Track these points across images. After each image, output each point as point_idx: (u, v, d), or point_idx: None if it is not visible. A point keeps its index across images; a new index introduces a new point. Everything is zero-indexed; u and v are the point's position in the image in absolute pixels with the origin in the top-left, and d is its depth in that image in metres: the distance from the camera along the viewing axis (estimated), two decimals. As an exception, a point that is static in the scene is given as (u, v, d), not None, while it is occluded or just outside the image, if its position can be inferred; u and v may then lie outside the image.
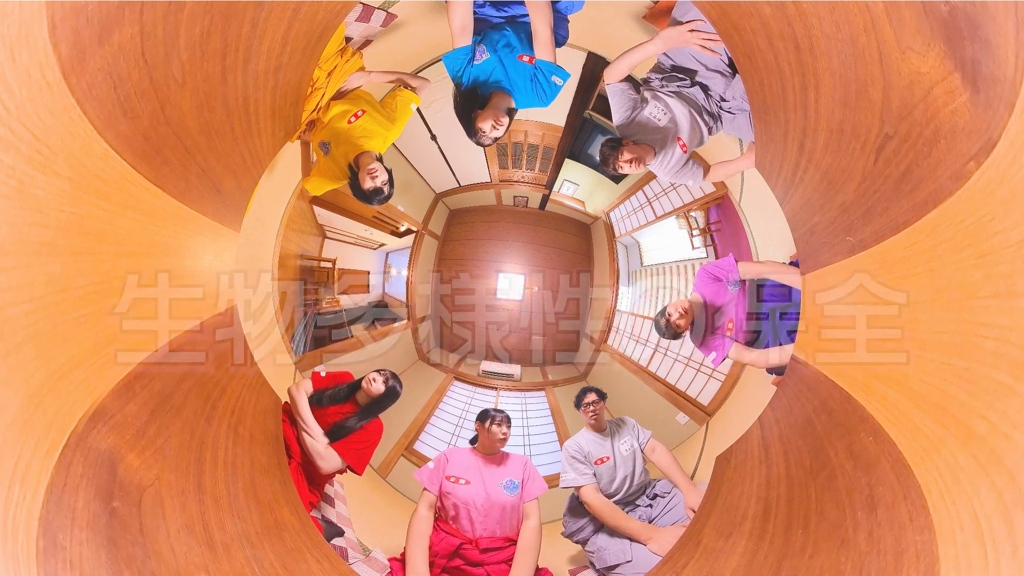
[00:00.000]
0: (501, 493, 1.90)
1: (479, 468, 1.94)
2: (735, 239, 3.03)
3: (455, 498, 1.85)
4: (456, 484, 1.88)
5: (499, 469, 1.97)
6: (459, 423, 3.54)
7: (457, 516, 1.82)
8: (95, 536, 0.66)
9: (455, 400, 3.76)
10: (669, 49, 1.75)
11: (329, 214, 3.21)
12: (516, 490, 1.93)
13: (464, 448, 2.03)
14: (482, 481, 1.91)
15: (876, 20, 0.69)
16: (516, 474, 1.97)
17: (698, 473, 2.52)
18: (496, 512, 1.85)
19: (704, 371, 3.15)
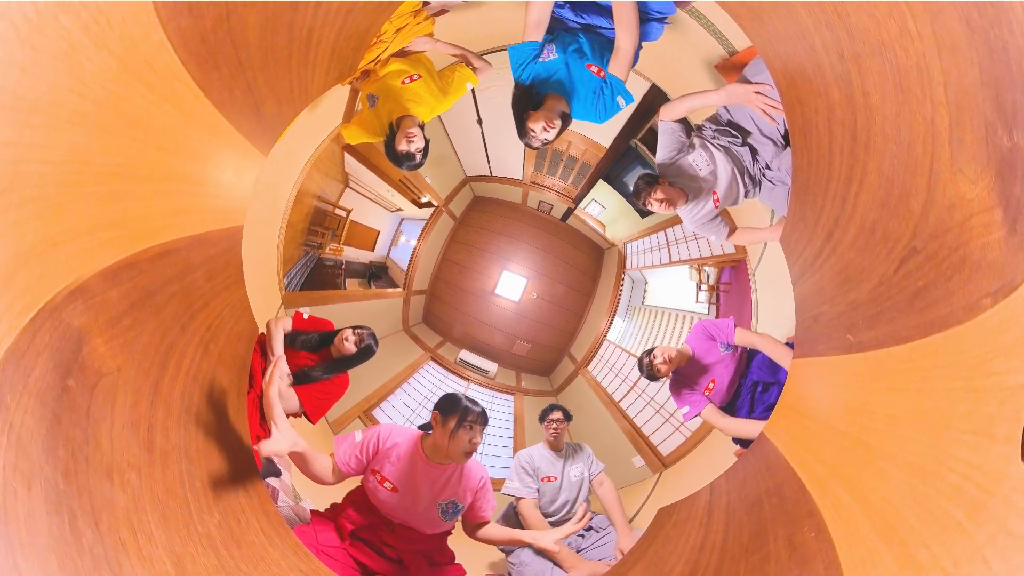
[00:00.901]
0: (435, 516, 1.53)
1: (416, 475, 1.51)
2: (740, 304, 3.03)
3: (374, 496, 1.54)
4: (380, 485, 1.52)
5: (444, 484, 1.53)
6: (423, 403, 3.54)
7: (376, 505, 1.56)
8: (42, 407, 0.66)
9: (425, 380, 3.76)
10: (731, 104, 1.75)
11: (358, 165, 3.21)
12: (455, 516, 1.57)
13: (410, 435, 1.59)
14: (414, 495, 1.50)
15: (938, 135, 0.69)
16: (464, 494, 1.56)
17: (638, 518, 2.52)
18: (422, 525, 1.55)
19: (672, 422, 3.15)
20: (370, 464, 1.55)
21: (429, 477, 1.52)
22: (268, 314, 2.12)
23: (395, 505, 1.52)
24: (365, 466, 1.55)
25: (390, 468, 1.52)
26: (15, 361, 0.63)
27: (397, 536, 1.54)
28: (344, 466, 1.53)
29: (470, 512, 1.60)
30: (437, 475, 1.53)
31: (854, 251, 0.96)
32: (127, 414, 0.83)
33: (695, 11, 1.99)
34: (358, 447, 1.55)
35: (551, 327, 4.16)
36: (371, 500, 1.55)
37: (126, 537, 0.73)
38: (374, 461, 1.54)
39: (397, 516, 1.53)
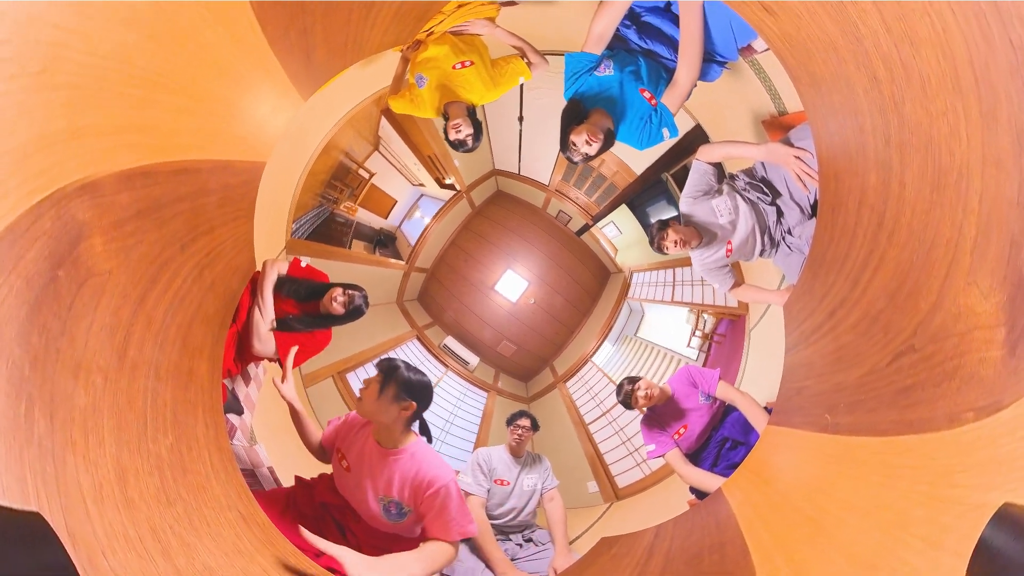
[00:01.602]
0: (379, 511, 1.39)
1: (365, 455, 1.42)
2: (729, 358, 3.03)
3: (337, 477, 1.50)
4: (339, 463, 1.47)
5: (384, 474, 1.36)
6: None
7: (339, 488, 1.51)
8: (27, 290, 0.66)
9: (405, 356, 3.75)
10: (769, 161, 1.75)
11: (392, 133, 3.21)
12: (400, 518, 1.39)
13: (351, 422, 1.56)
14: (358, 477, 1.41)
15: (962, 242, 0.69)
16: (403, 491, 1.35)
17: (579, 542, 2.52)
18: (372, 519, 1.42)
19: (636, 457, 3.15)
20: (340, 442, 1.53)
21: (371, 461, 1.41)
22: (269, 255, 2.12)
23: (346, 487, 1.47)
24: (335, 444, 1.55)
25: (349, 445, 1.50)
26: (11, 239, 0.63)
27: (362, 526, 1.47)
28: (326, 439, 1.57)
29: (428, 527, 1.33)
30: (379, 461, 1.39)
31: (853, 335, 0.96)
32: (107, 318, 0.83)
33: (757, 64, 1.99)
34: (340, 421, 1.58)
35: (541, 335, 4.16)
36: (336, 483, 1.53)
37: (77, 437, 0.73)
38: (344, 439, 1.52)
39: (353, 502, 1.47)
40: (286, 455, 1.93)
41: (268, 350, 1.75)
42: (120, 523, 0.75)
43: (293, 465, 1.78)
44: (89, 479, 0.73)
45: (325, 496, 1.51)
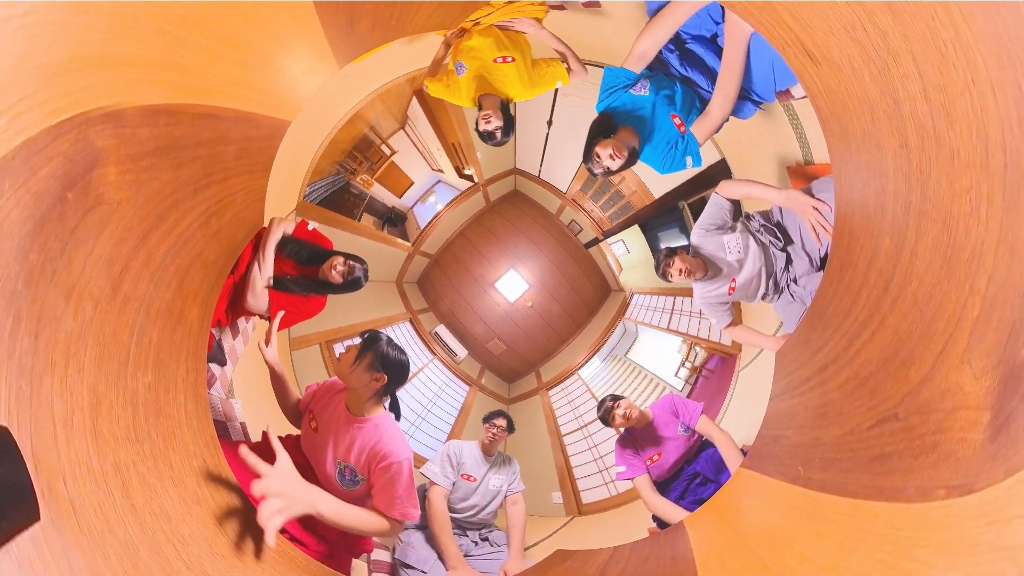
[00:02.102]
0: (334, 476, 1.40)
1: (334, 419, 1.45)
2: (714, 394, 3.03)
3: (304, 437, 1.52)
4: (310, 430, 1.48)
5: (347, 438, 1.39)
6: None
7: (304, 449, 1.52)
8: (33, 206, 0.66)
9: (395, 337, 3.75)
10: (787, 207, 1.75)
11: (421, 114, 3.20)
12: (354, 485, 1.40)
13: (328, 386, 1.59)
14: (323, 440, 1.43)
15: (963, 321, 0.69)
16: (359, 459, 1.38)
17: (534, 550, 2.52)
18: (328, 483, 1.42)
19: (605, 476, 3.15)
20: (315, 404, 1.54)
21: (337, 424, 1.43)
22: (279, 213, 2.12)
23: (311, 447, 1.49)
24: (310, 406, 1.56)
25: (322, 408, 1.51)
26: (27, 155, 0.63)
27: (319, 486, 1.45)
28: (302, 402, 1.59)
29: (374, 498, 1.35)
30: (344, 426, 1.42)
31: (839, 393, 0.96)
32: (108, 248, 0.83)
33: (791, 109, 1.99)
34: (318, 385, 1.59)
35: (532, 340, 4.16)
36: (302, 444, 1.54)
37: (58, 360, 0.73)
38: (319, 401, 1.54)
39: (313, 463, 1.48)
40: (260, 413, 1.93)
41: (260, 306, 1.74)
42: (86, 452, 0.75)
43: (265, 424, 1.78)
44: (63, 404, 0.73)
45: (291, 454, 1.51)
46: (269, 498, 1.00)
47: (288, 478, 1.08)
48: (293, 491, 1.08)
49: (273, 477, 1.04)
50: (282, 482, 1.06)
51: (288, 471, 1.09)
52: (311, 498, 1.13)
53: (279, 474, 1.06)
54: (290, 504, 1.05)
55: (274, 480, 1.04)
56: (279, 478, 1.05)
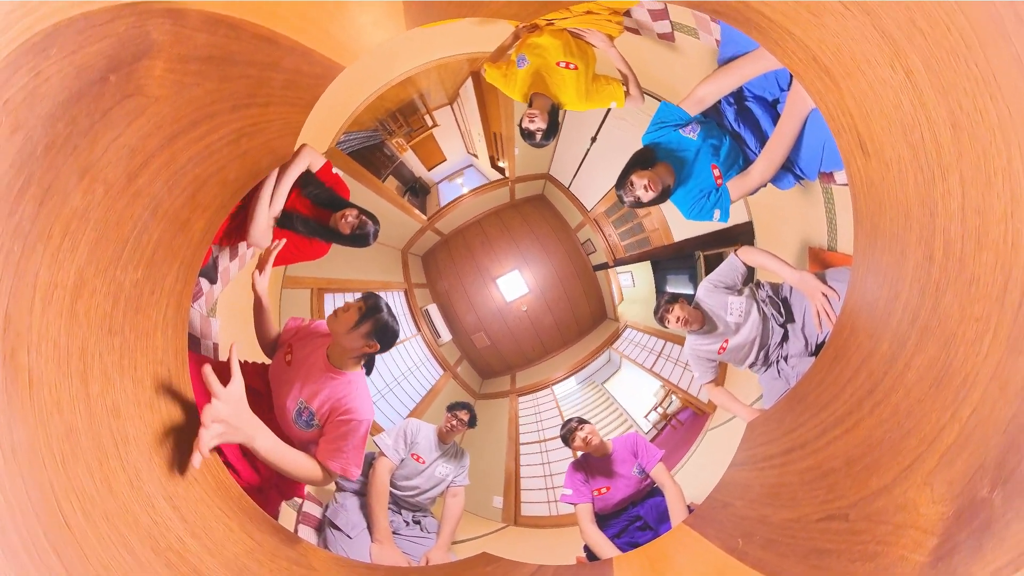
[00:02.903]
0: (290, 414, 1.41)
1: (308, 358, 1.46)
2: (677, 446, 3.03)
3: (273, 367, 1.52)
4: (283, 362, 1.48)
5: (315, 383, 1.39)
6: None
7: (270, 379, 1.53)
8: (74, 78, 0.66)
9: (387, 303, 3.75)
10: (797, 287, 1.76)
11: (472, 96, 3.20)
12: (307, 427, 1.40)
13: (314, 328, 1.56)
14: (291, 375, 1.44)
15: (936, 443, 0.69)
16: (322, 406, 1.37)
17: (461, 546, 2.52)
18: (281, 419, 1.44)
19: (550, 494, 3.15)
20: (295, 339, 1.54)
21: (312, 368, 1.43)
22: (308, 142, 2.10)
23: (278, 379, 1.48)
24: (290, 340, 1.55)
25: (302, 345, 1.51)
26: (83, 26, 0.63)
27: (271, 420, 1.45)
28: (282, 334, 1.57)
29: (320, 446, 1.35)
30: (319, 373, 1.41)
31: (798, 479, 0.96)
32: (134, 139, 0.83)
33: (829, 193, 1.99)
34: (304, 323, 1.58)
35: (517, 343, 4.16)
36: (269, 372, 1.54)
37: (56, 232, 0.73)
38: (301, 339, 1.53)
39: (275, 394, 1.48)
40: (235, 338, 1.93)
41: (259, 240, 1.69)
42: (56, 329, 0.75)
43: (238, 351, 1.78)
44: (48, 276, 0.73)
45: (251, 379, 1.49)
46: (211, 423, 1.00)
47: (235, 404, 1.08)
48: (236, 420, 1.08)
49: (222, 402, 1.04)
50: (228, 408, 1.05)
51: (237, 396, 1.09)
52: (251, 431, 1.13)
53: (227, 398, 1.05)
54: (229, 432, 1.06)
55: (222, 406, 1.04)
56: (227, 403, 1.05)
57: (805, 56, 1.01)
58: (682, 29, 1.95)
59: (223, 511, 1.03)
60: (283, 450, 1.22)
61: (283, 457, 1.21)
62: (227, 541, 0.98)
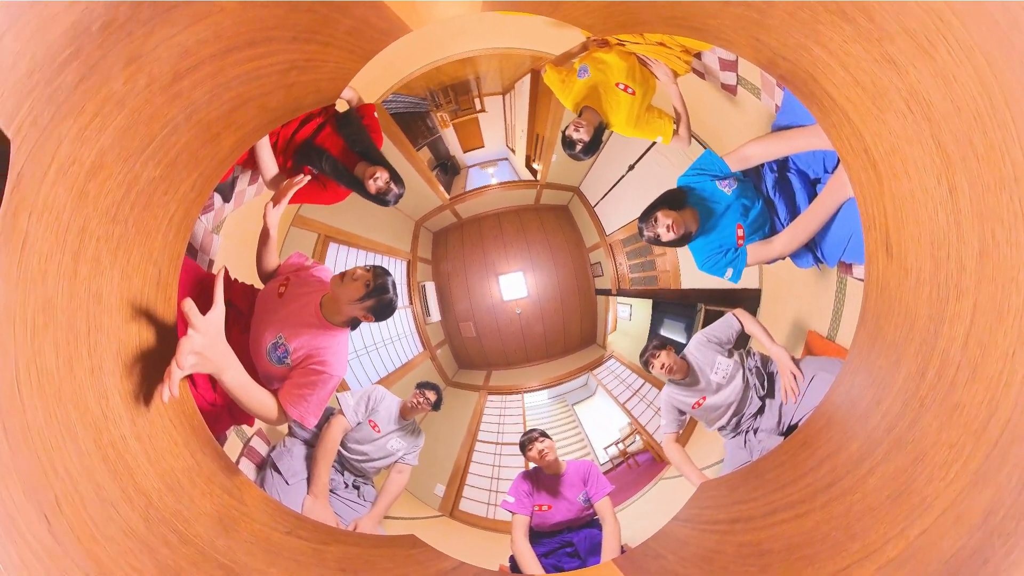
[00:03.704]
0: (264, 348, 1.40)
1: (300, 300, 1.46)
2: (627, 486, 3.02)
3: (262, 295, 1.52)
4: (274, 292, 1.50)
5: (299, 323, 1.39)
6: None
7: (257, 305, 1.52)
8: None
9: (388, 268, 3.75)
10: (775, 360, 1.79)
11: (525, 92, 3.20)
12: (277, 364, 1.39)
13: (316, 272, 1.58)
14: (278, 306, 1.45)
15: (875, 556, 0.69)
16: (298, 347, 1.37)
17: (392, 523, 2.52)
18: (254, 352, 1.41)
19: (491, 497, 3.15)
20: (295, 276, 1.53)
21: (301, 313, 1.42)
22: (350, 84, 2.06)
23: (264, 306, 1.47)
24: (289, 273, 1.56)
25: (301, 283, 1.50)
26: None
27: (240, 343, 1.42)
28: (283, 266, 1.59)
29: (284, 387, 1.34)
30: (306, 320, 1.41)
31: (734, 551, 0.96)
32: (190, 42, 0.83)
33: (842, 283, 1.98)
34: (310, 263, 1.60)
35: (502, 343, 4.16)
36: (257, 296, 1.54)
37: (88, 110, 0.73)
38: (301, 277, 1.52)
39: (254, 320, 1.47)
40: (232, 260, 1.92)
41: (267, 170, 1.67)
42: (63, 202, 0.75)
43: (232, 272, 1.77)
44: (68, 150, 0.73)
45: (237, 298, 1.51)
46: (187, 355, 1.00)
47: (213, 336, 1.07)
48: (211, 351, 1.07)
49: (199, 333, 1.03)
50: (204, 340, 1.04)
51: (216, 328, 1.08)
52: (223, 363, 1.12)
53: (205, 330, 1.04)
54: (200, 363, 1.05)
55: (198, 337, 1.02)
56: (204, 334, 1.04)
57: (858, 146, 1.01)
58: (746, 85, 1.95)
59: (172, 423, 1.03)
60: (248, 385, 1.21)
61: (246, 392, 1.21)
62: (168, 453, 0.98)
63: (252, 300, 1.55)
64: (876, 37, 0.77)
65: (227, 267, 1.16)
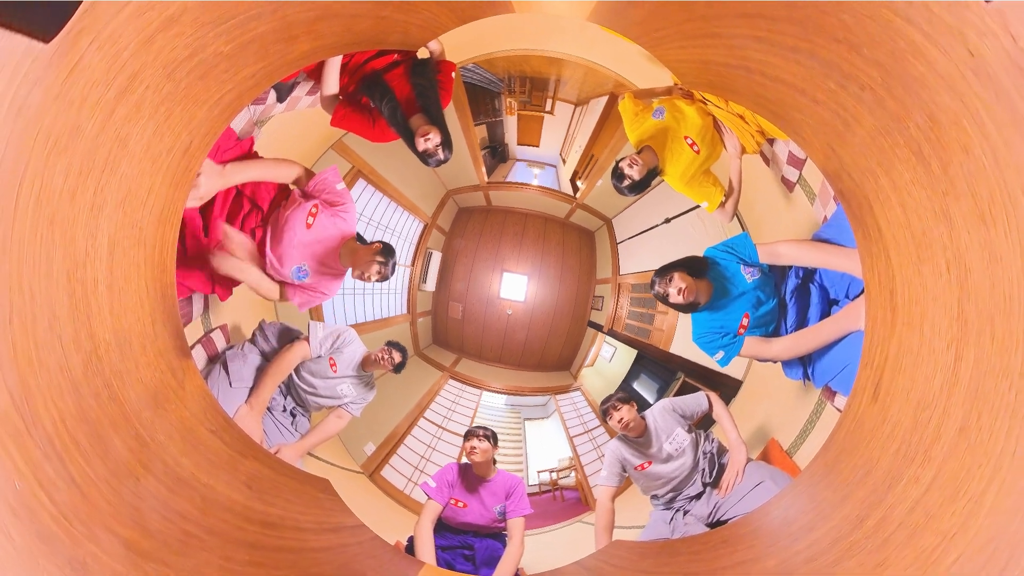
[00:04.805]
0: (287, 259, 1.69)
1: (323, 249, 1.72)
2: (546, 515, 3.04)
3: (290, 209, 1.72)
4: (302, 210, 1.69)
5: (319, 264, 1.72)
6: (384, 235, 3.53)
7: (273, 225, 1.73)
8: None
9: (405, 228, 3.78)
10: (730, 449, 1.81)
11: (597, 112, 3.20)
12: (297, 279, 1.71)
13: (352, 226, 1.79)
14: (300, 238, 1.68)
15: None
16: (316, 281, 1.74)
17: (313, 461, 2.51)
18: (280, 255, 1.73)
19: (415, 475, 3.15)
20: (312, 191, 1.66)
21: (322, 247, 1.68)
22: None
23: (292, 226, 1.65)
24: (310, 193, 1.68)
25: (324, 216, 1.68)
26: None
27: (265, 233, 1.70)
28: (318, 185, 1.69)
29: (295, 287, 1.71)
30: (328, 260, 1.69)
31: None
32: None
33: (820, 406, 1.98)
34: (335, 187, 1.70)
35: (481, 335, 4.16)
36: (289, 215, 1.66)
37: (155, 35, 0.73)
38: (328, 205, 1.69)
39: (285, 225, 1.66)
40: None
41: (331, 86, 1.74)
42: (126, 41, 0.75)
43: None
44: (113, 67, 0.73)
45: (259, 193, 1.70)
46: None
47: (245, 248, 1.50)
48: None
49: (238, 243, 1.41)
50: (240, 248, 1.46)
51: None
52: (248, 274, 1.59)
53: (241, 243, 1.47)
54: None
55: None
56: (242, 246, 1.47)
57: (886, 285, 1.01)
58: (804, 187, 1.95)
59: (147, 286, 1.03)
60: (261, 281, 1.65)
61: (259, 285, 1.65)
62: (131, 312, 0.98)
63: (271, 199, 1.71)
64: (943, 189, 0.77)
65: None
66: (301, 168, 1.73)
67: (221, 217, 1.63)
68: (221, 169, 1.52)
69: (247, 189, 1.69)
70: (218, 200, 1.61)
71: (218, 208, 1.62)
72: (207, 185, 1.46)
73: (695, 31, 1.20)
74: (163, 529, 0.80)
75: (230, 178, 1.56)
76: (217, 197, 1.61)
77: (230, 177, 1.55)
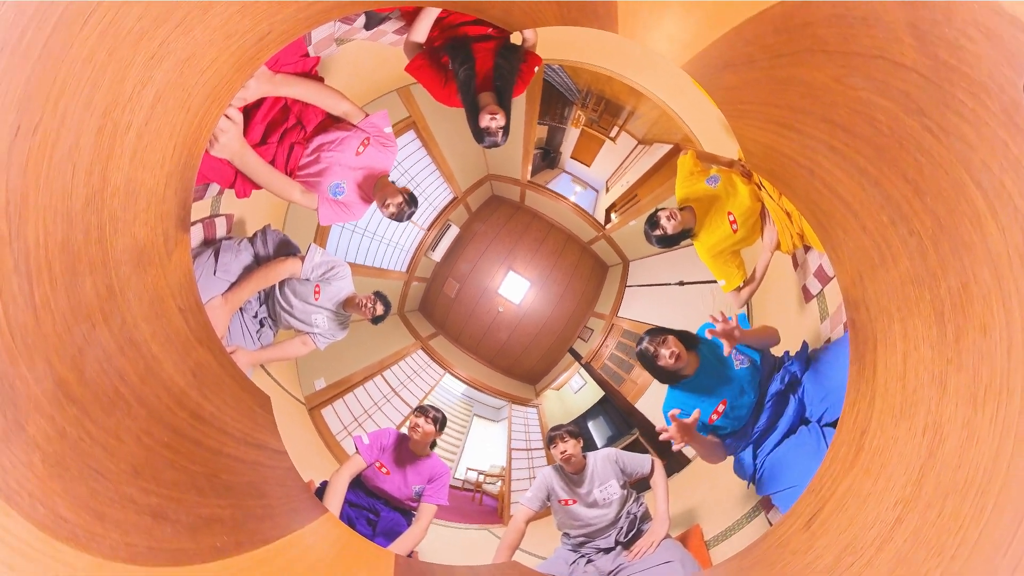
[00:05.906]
0: (326, 183, 1.83)
1: (362, 180, 1.88)
2: (460, 512, 3.05)
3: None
4: (357, 149, 1.85)
5: (357, 189, 1.89)
6: (406, 183, 3.54)
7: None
8: None
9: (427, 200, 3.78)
10: (653, 522, 1.81)
11: (656, 155, 3.20)
12: (333, 195, 1.85)
13: (380, 174, 1.95)
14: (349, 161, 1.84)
15: None
16: (349, 198, 1.87)
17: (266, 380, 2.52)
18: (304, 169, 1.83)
19: (356, 426, 3.16)
20: (361, 127, 1.77)
21: (364, 176, 1.85)
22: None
23: (343, 152, 1.78)
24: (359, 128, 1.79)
25: (374, 148, 1.81)
26: None
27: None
28: (369, 118, 1.79)
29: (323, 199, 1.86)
30: (365, 188, 1.85)
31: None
32: None
33: (754, 513, 1.97)
34: (384, 124, 1.82)
35: (465, 321, 4.17)
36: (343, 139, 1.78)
37: None
38: (377, 138, 1.81)
39: (330, 154, 1.78)
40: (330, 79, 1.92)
41: (420, 34, 1.76)
42: None
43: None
44: None
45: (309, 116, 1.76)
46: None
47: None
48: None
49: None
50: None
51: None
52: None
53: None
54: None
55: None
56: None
57: (860, 425, 1.00)
58: (821, 303, 1.95)
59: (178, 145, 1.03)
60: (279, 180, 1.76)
61: (281, 189, 1.79)
62: (148, 164, 0.97)
63: (318, 123, 1.76)
64: (949, 357, 0.77)
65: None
66: (351, 104, 1.76)
67: (263, 121, 1.64)
68: (272, 76, 1.54)
69: (296, 107, 1.69)
70: (265, 104, 1.62)
71: (263, 112, 1.62)
72: (256, 87, 1.49)
73: (777, 117, 1.20)
74: (98, 380, 0.79)
75: (280, 88, 1.58)
76: (265, 101, 1.61)
77: (280, 87, 1.58)
